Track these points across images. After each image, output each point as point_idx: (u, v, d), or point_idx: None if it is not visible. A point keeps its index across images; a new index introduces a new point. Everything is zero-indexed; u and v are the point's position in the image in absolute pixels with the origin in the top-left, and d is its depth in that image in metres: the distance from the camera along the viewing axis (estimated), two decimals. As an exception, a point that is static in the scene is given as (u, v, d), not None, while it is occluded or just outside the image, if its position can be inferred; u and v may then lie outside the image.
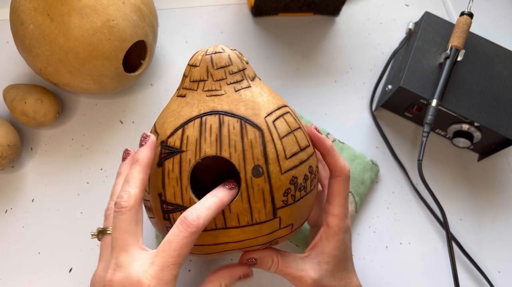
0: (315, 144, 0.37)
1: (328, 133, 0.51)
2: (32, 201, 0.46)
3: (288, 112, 0.34)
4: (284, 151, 0.32)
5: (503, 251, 0.50)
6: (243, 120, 0.31)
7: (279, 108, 0.34)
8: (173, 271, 0.28)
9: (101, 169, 0.48)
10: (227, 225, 0.31)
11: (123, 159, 0.37)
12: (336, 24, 0.59)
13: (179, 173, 0.31)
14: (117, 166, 0.48)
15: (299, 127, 0.34)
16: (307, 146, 0.34)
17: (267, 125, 0.32)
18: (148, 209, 0.35)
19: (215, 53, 0.33)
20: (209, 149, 0.31)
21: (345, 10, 0.60)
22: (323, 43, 0.58)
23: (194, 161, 0.31)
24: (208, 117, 0.32)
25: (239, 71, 0.34)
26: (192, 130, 0.31)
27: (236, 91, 0.33)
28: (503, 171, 0.54)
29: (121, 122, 0.51)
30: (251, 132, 0.31)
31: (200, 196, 0.31)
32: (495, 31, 0.60)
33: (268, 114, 0.32)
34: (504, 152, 0.55)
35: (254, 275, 0.37)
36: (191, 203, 0.31)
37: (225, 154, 0.31)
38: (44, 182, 0.47)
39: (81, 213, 0.46)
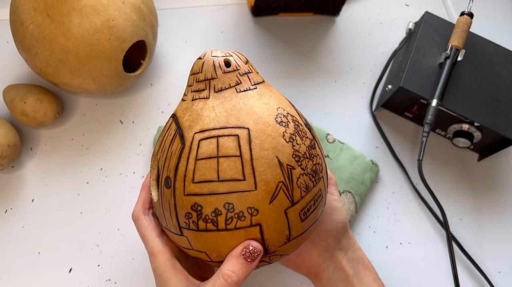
0: None
1: (328, 133, 0.51)
2: (32, 201, 0.46)
3: (237, 136, 0.29)
4: (194, 173, 0.29)
5: (503, 251, 0.50)
6: (178, 130, 0.31)
7: (233, 127, 0.29)
8: None
9: (101, 169, 0.48)
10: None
11: None
12: (336, 24, 0.59)
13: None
14: (117, 166, 0.48)
15: (237, 156, 0.29)
16: (237, 180, 0.28)
17: (191, 141, 0.29)
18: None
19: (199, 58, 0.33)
20: (155, 152, 0.33)
21: (345, 10, 0.60)
22: (323, 43, 0.58)
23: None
24: (170, 119, 0.33)
25: (205, 80, 0.32)
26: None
27: (192, 100, 0.32)
28: (503, 171, 0.54)
29: (121, 122, 0.51)
30: (175, 143, 0.30)
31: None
32: (495, 31, 0.60)
33: (201, 131, 0.29)
34: (504, 152, 0.55)
35: (254, 275, 0.37)
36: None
37: (159, 157, 0.32)
38: (44, 182, 0.47)
39: (81, 213, 0.46)
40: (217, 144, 0.29)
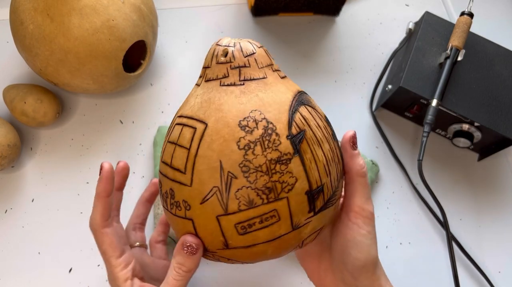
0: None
1: (328, 133, 0.51)
2: (32, 201, 0.46)
3: (195, 129, 0.29)
4: (162, 153, 0.31)
5: (503, 251, 0.50)
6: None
7: (196, 120, 0.30)
8: None
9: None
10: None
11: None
12: (336, 24, 0.59)
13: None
14: (117, 166, 0.48)
15: (187, 149, 0.29)
16: (180, 171, 0.29)
17: (173, 123, 0.32)
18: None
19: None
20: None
21: (345, 10, 0.60)
22: (323, 43, 0.58)
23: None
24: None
25: (204, 67, 0.32)
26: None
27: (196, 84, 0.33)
28: (503, 171, 0.54)
29: (121, 122, 0.51)
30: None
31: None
32: (495, 31, 0.60)
33: (180, 116, 0.31)
34: (504, 152, 0.55)
35: (254, 275, 0.37)
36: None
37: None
38: (44, 182, 0.47)
39: (81, 213, 0.46)
40: (180, 132, 0.29)
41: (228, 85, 0.29)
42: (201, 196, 0.28)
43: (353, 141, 0.32)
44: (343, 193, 0.35)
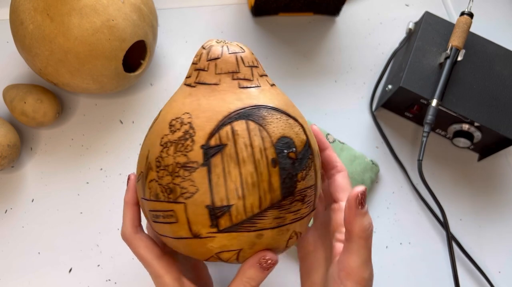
0: (316, 137, 0.35)
1: (328, 133, 0.51)
2: (32, 201, 0.46)
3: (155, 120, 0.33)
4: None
5: (503, 251, 0.50)
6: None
7: (159, 112, 0.33)
8: None
9: (101, 169, 0.48)
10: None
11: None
12: (336, 24, 0.59)
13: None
14: (117, 166, 0.48)
15: (147, 136, 0.32)
16: None
17: None
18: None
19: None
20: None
21: (345, 10, 0.60)
22: (323, 43, 0.58)
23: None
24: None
25: None
26: None
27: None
28: (503, 171, 0.54)
29: (121, 122, 0.51)
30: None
31: None
32: (495, 31, 0.60)
33: None
34: (504, 152, 0.55)
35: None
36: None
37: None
38: (44, 182, 0.47)
39: (81, 213, 0.46)
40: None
41: (186, 84, 0.31)
42: (137, 176, 0.31)
43: (360, 198, 0.28)
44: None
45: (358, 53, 0.58)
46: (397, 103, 0.52)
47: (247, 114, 0.28)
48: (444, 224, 0.48)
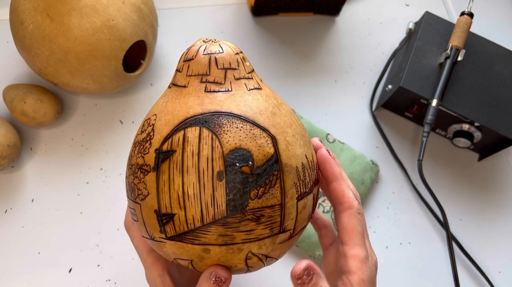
0: (322, 166, 0.31)
1: (328, 133, 0.51)
2: (32, 201, 0.46)
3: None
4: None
5: (503, 251, 0.50)
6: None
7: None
8: None
9: (101, 169, 0.48)
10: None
11: None
12: (336, 24, 0.59)
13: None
14: (117, 166, 0.48)
15: None
16: None
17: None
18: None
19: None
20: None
21: (345, 10, 0.60)
22: (323, 43, 0.58)
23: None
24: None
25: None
26: None
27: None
28: (503, 171, 0.54)
29: (121, 122, 0.51)
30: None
31: None
32: (495, 31, 0.60)
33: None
34: (504, 152, 0.55)
35: (253, 275, 0.37)
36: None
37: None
38: (44, 182, 0.47)
39: (81, 213, 0.46)
40: None
41: (169, 85, 0.30)
42: None
43: (299, 275, 0.26)
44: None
45: (358, 53, 0.58)
46: (397, 103, 0.52)
47: (204, 120, 0.26)
48: (444, 224, 0.48)
